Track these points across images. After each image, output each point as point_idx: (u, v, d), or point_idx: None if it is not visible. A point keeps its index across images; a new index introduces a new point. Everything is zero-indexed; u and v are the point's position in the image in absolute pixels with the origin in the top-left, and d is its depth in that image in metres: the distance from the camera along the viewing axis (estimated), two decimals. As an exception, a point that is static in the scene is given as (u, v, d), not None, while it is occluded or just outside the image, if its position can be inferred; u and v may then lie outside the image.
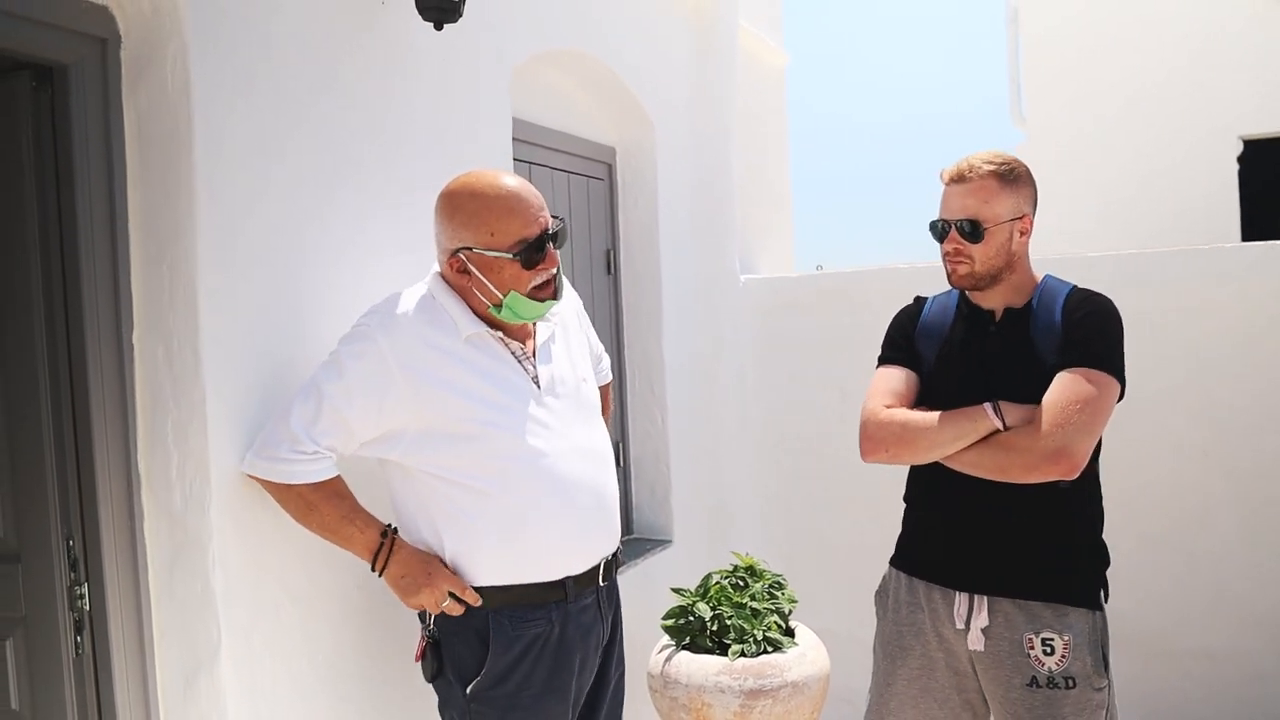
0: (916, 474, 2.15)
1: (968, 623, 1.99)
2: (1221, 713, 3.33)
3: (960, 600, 2.01)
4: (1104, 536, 2.06)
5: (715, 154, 3.85)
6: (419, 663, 1.87)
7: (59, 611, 1.78)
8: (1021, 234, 1.99)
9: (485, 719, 1.81)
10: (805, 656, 2.66)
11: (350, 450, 1.79)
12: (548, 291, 1.83)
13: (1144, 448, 3.36)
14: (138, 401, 1.79)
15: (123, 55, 1.77)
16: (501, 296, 1.80)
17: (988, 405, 1.92)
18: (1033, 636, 1.94)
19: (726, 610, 2.72)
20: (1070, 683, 1.92)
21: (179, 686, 1.78)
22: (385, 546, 1.82)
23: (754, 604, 2.75)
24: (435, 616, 1.83)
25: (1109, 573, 2.04)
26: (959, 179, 1.99)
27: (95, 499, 1.75)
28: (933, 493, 2.09)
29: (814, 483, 3.90)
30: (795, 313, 3.90)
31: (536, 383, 1.88)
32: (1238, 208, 7.91)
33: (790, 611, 2.83)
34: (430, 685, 1.89)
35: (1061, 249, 4.71)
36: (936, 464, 2.01)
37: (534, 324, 1.94)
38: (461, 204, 1.80)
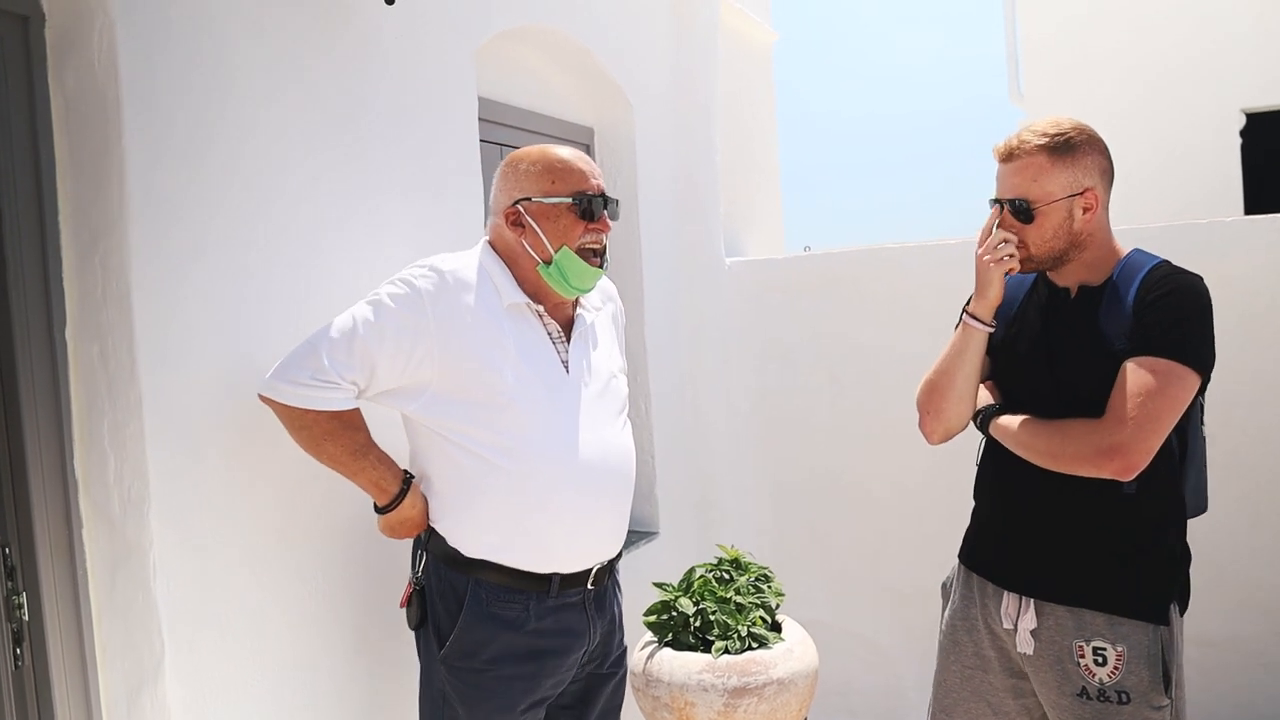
0: (983, 468, 2.03)
1: (1015, 623, 1.87)
2: (1222, 699, 3.25)
3: (1009, 600, 1.89)
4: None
5: (697, 133, 3.73)
6: (403, 609, 1.87)
7: (-3, 622, 1.69)
8: (1086, 210, 1.81)
9: (450, 686, 1.80)
10: (792, 652, 2.57)
11: (370, 393, 1.76)
12: (597, 261, 1.85)
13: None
14: (73, 402, 1.69)
15: (47, 34, 1.66)
16: (553, 251, 1.80)
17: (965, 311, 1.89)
18: (1083, 645, 1.80)
19: (710, 605, 2.63)
20: (1124, 697, 1.77)
21: (123, 700, 1.69)
22: (402, 493, 1.82)
23: (739, 598, 2.66)
24: (424, 566, 1.84)
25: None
26: (1007, 157, 1.84)
27: (29, 504, 1.66)
28: (994, 487, 1.99)
29: (803, 470, 3.81)
30: (782, 295, 3.80)
31: (566, 367, 1.85)
32: (1240, 181, 7.79)
33: (777, 605, 2.74)
34: (405, 662, 1.90)
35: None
36: (1000, 458, 1.90)
37: (574, 309, 1.91)
38: (526, 158, 1.86)
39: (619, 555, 1.96)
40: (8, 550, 1.67)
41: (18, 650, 1.68)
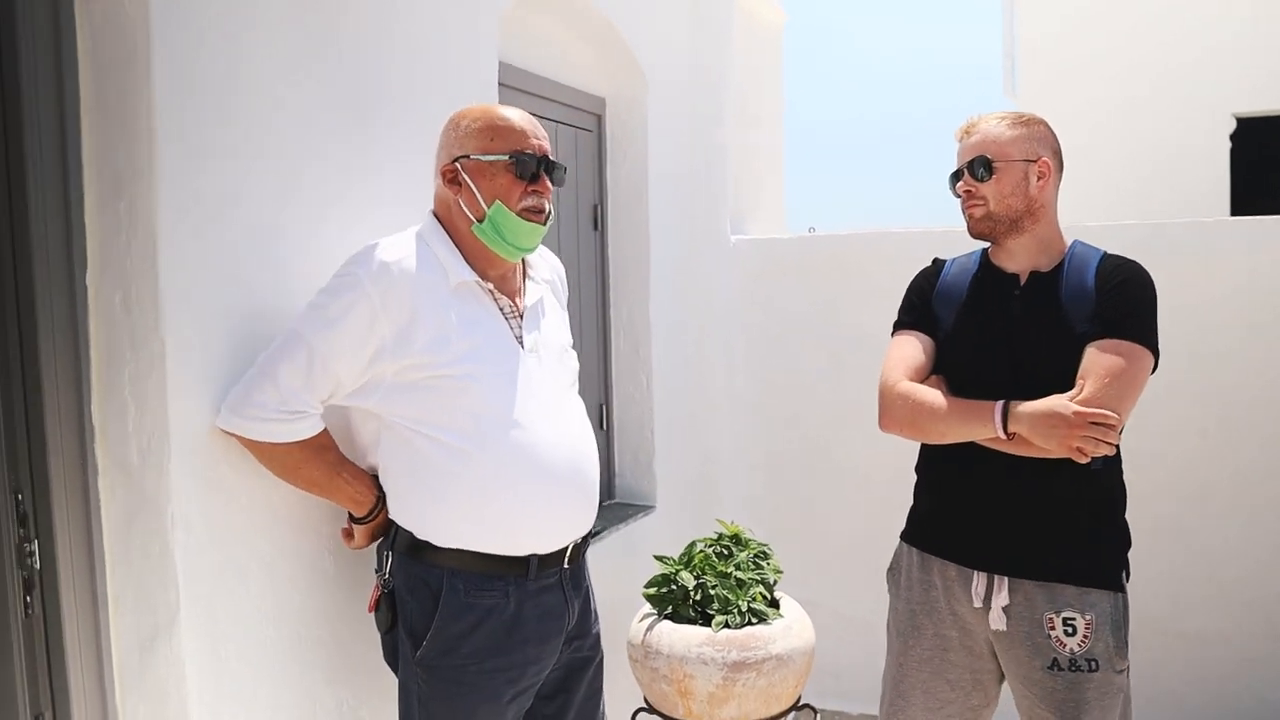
0: (934, 449, 2.04)
1: (987, 601, 1.92)
2: (1211, 696, 3.30)
3: (979, 579, 1.93)
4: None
5: (709, 110, 3.71)
6: (372, 614, 1.81)
7: (7, 569, 1.65)
8: (1040, 178, 1.92)
9: (429, 685, 1.73)
10: (790, 629, 2.59)
11: (335, 401, 1.72)
12: (537, 219, 1.78)
13: (1141, 427, 3.29)
14: (92, 349, 1.66)
15: (75, -32, 1.62)
16: (487, 208, 1.74)
17: (997, 409, 1.83)
18: (1053, 616, 1.86)
19: (710, 580, 2.64)
20: (1093, 664, 1.84)
21: (135, 653, 1.67)
22: (381, 503, 1.81)
23: (739, 574, 2.67)
24: (391, 566, 1.78)
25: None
26: (969, 130, 1.98)
27: (45, 450, 1.62)
28: (949, 465, 1.99)
29: (801, 450, 3.82)
30: (786, 275, 3.80)
31: (521, 342, 1.79)
32: (1228, 184, 7.87)
33: (776, 582, 2.76)
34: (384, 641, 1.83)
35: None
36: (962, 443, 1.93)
37: (523, 282, 1.85)
38: (468, 116, 1.80)
39: (591, 531, 1.91)
40: (20, 496, 1.64)
41: (28, 598, 1.65)
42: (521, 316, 1.82)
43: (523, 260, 1.88)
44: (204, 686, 1.67)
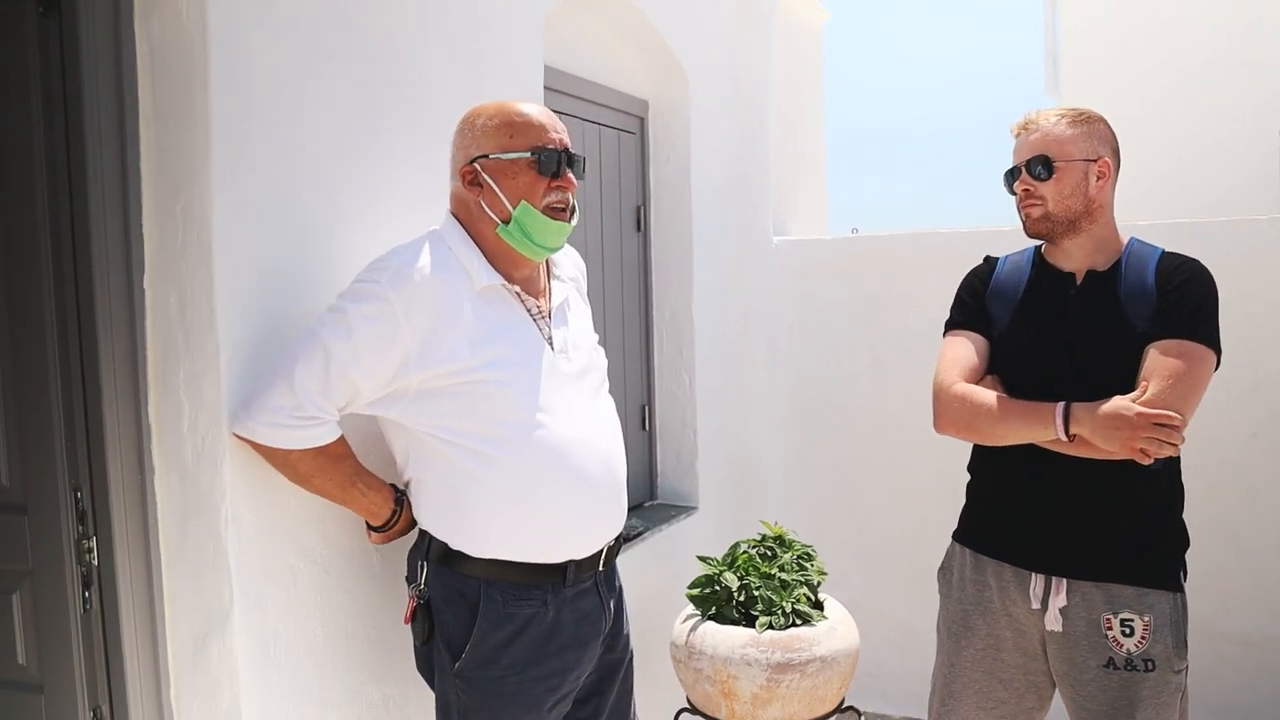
0: (986, 450, 2.01)
1: (1044, 603, 1.90)
2: (1257, 699, 3.23)
3: (1036, 581, 1.91)
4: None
5: (750, 111, 3.71)
6: (408, 625, 1.79)
7: (66, 565, 1.71)
8: (1099, 178, 1.89)
9: (469, 697, 1.71)
10: (835, 631, 2.58)
11: (352, 409, 1.70)
12: (563, 216, 1.73)
13: (1190, 428, 3.23)
14: (149, 350, 1.70)
15: (135, -19, 1.66)
16: (512, 208, 1.69)
17: (1058, 411, 1.80)
18: (1111, 617, 1.84)
19: (754, 581, 2.64)
20: (1149, 665, 1.82)
21: (189, 648, 1.71)
22: (395, 513, 1.80)
23: (783, 575, 2.66)
24: (425, 576, 1.75)
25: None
26: (1027, 127, 1.93)
27: (104, 450, 1.67)
28: (1004, 465, 1.96)
29: (844, 451, 3.80)
30: (829, 276, 3.78)
31: (550, 343, 1.76)
32: (1278, 185, 7.69)
33: (819, 584, 2.75)
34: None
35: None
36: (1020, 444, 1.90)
37: (549, 281, 1.83)
38: (483, 114, 1.74)
39: (623, 532, 1.89)
40: (80, 495, 1.69)
41: (86, 594, 1.70)
42: (549, 317, 1.79)
43: (547, 259, 1.84)
44: (254, 682, 1.70)
